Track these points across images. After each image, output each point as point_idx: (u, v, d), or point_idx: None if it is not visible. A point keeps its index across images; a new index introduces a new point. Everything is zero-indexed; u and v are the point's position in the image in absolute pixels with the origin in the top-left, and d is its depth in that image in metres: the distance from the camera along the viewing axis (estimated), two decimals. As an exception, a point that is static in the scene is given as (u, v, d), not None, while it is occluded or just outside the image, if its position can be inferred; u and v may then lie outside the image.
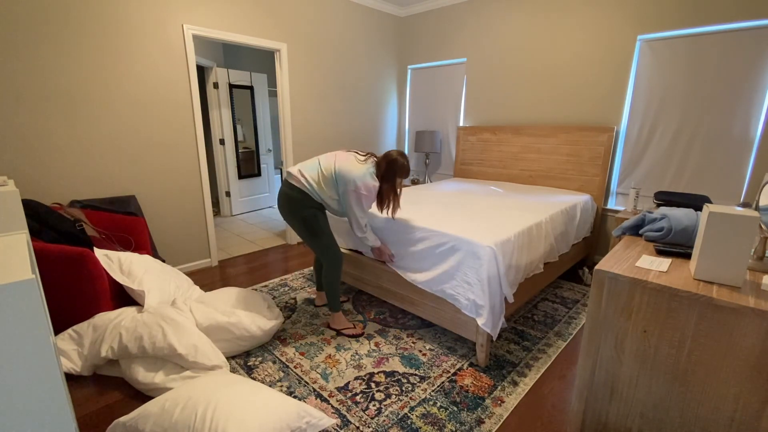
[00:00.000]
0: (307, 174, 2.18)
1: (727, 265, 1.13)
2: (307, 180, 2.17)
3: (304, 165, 2.23)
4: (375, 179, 2.15)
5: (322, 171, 2.17)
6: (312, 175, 2.18)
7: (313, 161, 2.23)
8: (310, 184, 2.17)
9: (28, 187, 2.47)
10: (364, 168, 2.15)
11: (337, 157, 2.20)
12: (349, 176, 2.11)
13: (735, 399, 1.10)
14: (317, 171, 2.18)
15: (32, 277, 0.79)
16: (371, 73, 4.60)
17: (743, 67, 2.68)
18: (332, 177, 2.16)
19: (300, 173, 2.18)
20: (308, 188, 2.17)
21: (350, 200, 2.14)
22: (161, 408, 1.43)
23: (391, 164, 2.17)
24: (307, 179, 2.17)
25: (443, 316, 2.18)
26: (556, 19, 3.51)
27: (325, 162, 2.20)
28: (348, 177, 2.11)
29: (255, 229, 4.73)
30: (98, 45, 2.61)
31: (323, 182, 2.17)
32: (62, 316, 2.07)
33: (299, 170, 2.19)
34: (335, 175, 2.15)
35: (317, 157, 2.26)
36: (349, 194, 2.12)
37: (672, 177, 3.09)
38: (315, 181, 2.17)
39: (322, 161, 2.21)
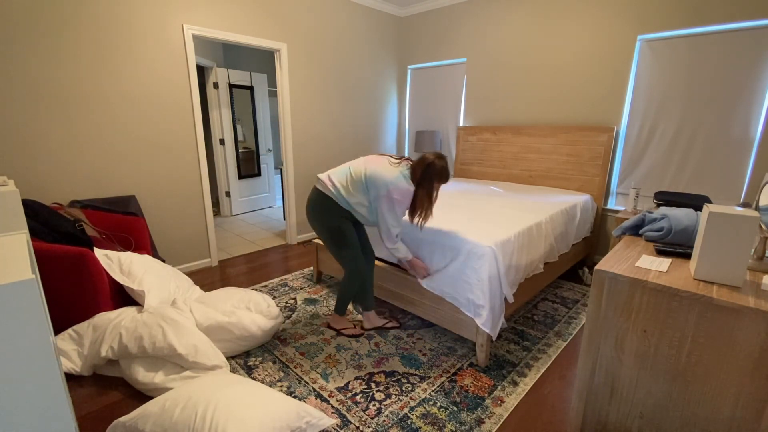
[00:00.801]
0: (336, 179, 2.06)
1: (727, 265, 1.13)
2: (335, 185, 2.04)
3: (334, 170, 2.13)
4: (410, 183, 1.98)
5: (351, 175, 2.05)
6: (340, 180, 2.05)
7: (344, 166, 2.12)
8: (337, 190, 2.04)
9: (28, 187, 2.47)
10: (398, 171, 2.00)
11: (367, 161, 2.07)
12: (380, 180, 1.96)
13: (735, 399, 1.10)
14: (346, 176, 2.06)
15: (32, 277, 0.79)
16: (371, 73, 4.60)
17: (743, 67, 2.68)
18: (362, 181, 2.02)
19: (329, 179, 2.07)
20: (335, 194, 2.05)
21: (382, 206, 1.99)
22: (161, 408, 1.43)
23: (429, 168, 1.97)
24: (334, 184, 2.04)
25: (443, 316, 2.18)
26: (556, 19, 3.51)
27: (354, 166, 2.08)
28: (380, 181, 1.96)
29: (255, 229, 4.74)
30: (98, 45, 2.61)
31: (352, 187, 2.03)
32: (62, 316, 2.07)
33: (328, 176, 2.10)
34: (365, 179, 2.01)
35: (348, 162, 2.16)
36: (381, 200, 1.97)
37: (672, 177, 3.09)
38: (343, 187, 2.04)
39: (352, 166, 2.09)
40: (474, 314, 1.98)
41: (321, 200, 2.08)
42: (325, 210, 2.08)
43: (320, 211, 2.10)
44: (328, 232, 2.13)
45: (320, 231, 2.16)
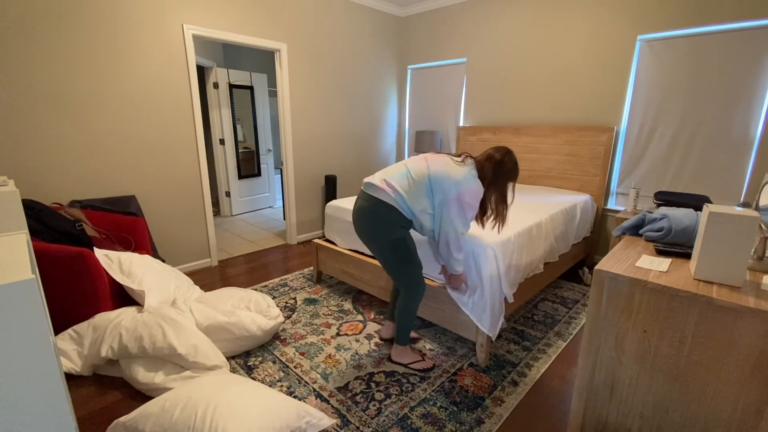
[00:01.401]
0: (396, 184, 1.77)
1: (727, 265, 1.13)
2: (396, 191, 1.76)
3: (388, 173, 1.83)
4: (480, 183, 1.77)
5: (412, 177, 1.78)
6: (401, 185, 1.77)
7: (399, 168, 1.84)
8: (399, 196, 1.76)
9: (28, 187, 2.47)
10: (465, 170, 1.76)
11: (428, 160, 1.82)
12: (448, 181, 1.73)
13: (735, 399, 1.10)
14: (407, 178, 1.78)
15: (32, 277, 0.79)
16: (371, 73, 4.60)
17: (743, 67, 2.68)
18: (426, 183, 1.76)
19: (386, 183, 1.78)
20: (398, 201, 1.76)
21: (451, 211, 1.75)
22: (161, 408, 1.43)
23: (499, 165, 1.77)
24: (395, 190, 1.76)
25: (443, 316, 2.18)
26: (556, 19, 3.50)
27: (414, 166, 1.81)
28: (448, 182, 1.73)
29: (255, 229, 4.73)
30: (98, 45, 2.61)
31: (416, 191, 1.77)
32: (62, 316, 2.07)
33: (384, 180, 1.79)
34: (430, 180, 1.76)
35: (401, 162, 1.88)
36: (450, 203, 1.73)
37: (672, 177, 3.09)
38: (405, 192, 1.76)
39: (410, 166, 1.82)
40: (473, 314, 1.98)
41: (379, 209, 1.77)
42: (384, 220, 1.78)
43: (379, 221, 1.79)
44: (390, 246, 1.82)
45: (379, 245, 1.83)
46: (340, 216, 2.83)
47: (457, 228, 1.77)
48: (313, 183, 4.25)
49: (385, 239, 1.81)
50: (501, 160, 1.77)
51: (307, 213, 4.28)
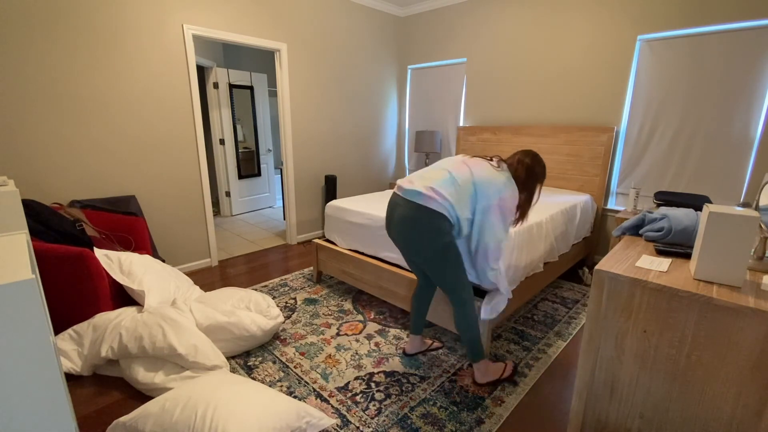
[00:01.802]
0: (444, 191, 1.69)
1: (727, 265, 1.13)
2: (446, 199, 1.68)
3: (432, 179, 1.73)
4: (516, 188, 1.76)
5: (458, 184, 1.71)
6: (450, 192, 1.69)
7: (441, 173, 1.75)
8: (450, 204, 1.68)
9: (28, 187, 2.47)
10: (505, 175, 1.75)
11: (469, 165, 1.76)
12: (492, 186, 1.70)
13: (735, 399, 1.10)
14: (453, 186, 1.71)
15: (32, 277, 0.79)
16: (371, 73, 4.60)
17: (743, 67, 2.68)
18: (471, 190, 1.71)
19: (434, 191, 1.68)
20: (449, 210, 1.68)
21: (494, 217, 1.71)
22: (161, 408, 1.43)
23: (532, 169, 1.78)
24: (445, 198, 1.67)
25: (443, 316, 2.18)
26: (556, 19, 3.50)
27: (457, 172, 1.74)
28: (492, 187, 1.70)
29: (255, 229, 4.74)
30: (98, 45, 2.61)
31: (462, 198, 1.70)
32: (62, 316, 2.07)
33: (430, 187, 1.69)
34: (475, 186, 1.71)
35: (440, 167, 1.79)
36: (493, 209, 1.70)
37: (672, 177, 3.09)
38: (454, 199, 1.69)
39: (453, 171, 1.74)
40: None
41: (431, 218, 1.67)
42: (436, 229, 1.68)
43: (431, 230, 1.68)
44: (442, 254, 1.71)
45: (430, 254, 1.72)
46: (340, 216, 2.83)
47: (498, 235, 1.75)
48: (313, 183, 4.25)
49: (438, 248, 1.70)
50: (532, 164, 1.79)
51: (307, 213, 4.28)
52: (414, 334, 2.14)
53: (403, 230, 1.74)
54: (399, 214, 1.75)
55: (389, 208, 1.84)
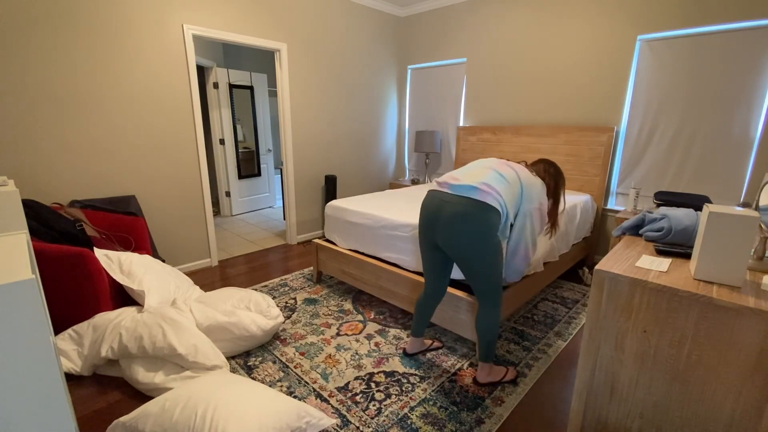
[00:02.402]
0: (498, 187, 1.66)
1: (727, 265, 1.13)
2: (501, 195, 1.65)
3: (481, 176, 1.69)
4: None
5: (507, 182, 1.69)
6: (502, 189, 1.67)
7: (486, 171, 1.71)
8: (504, 201, 1.66)
9: (28, 187, 2.47)
10: (540, 182, 1.80)
11: (511, 166, 1.77)
12: (535, 189, 1.74)
13: (735, 399, 1.10)
14: (504, 182, 1.68)
15: (32, 277, 0.79)
16: (371, 72, 4.60)
17: (743, 67, 2.68)
18: (519, 190, 1.72)
19: (489, 186, 1.64)
20: (503, 206, 1.66)
21: (534, 221, 1.77)
22: (161, 408, 1.43)
23: (558, 175, 1.86)
24: (500, 194, 1.65)
25: (443, 316, 2.18)
26: (556, 19, 3.51)
27: (504, 171, 1.72)
28: (534, 190, 1.74)
29: (255, 229, 4.74)
30: (98, 45, 2.61)
31: (511, 196, 1.69)
32: (62, 316, 2.07)
33: (484, 182, 1.66)
34: (522, 187, 1.72)
35: (483, 165, 1.76)
36: (534, 212, 1.75)
37: (672, 177, 3.09)
38: (507, 197, 1.67)
39: (500, 170, 1.72)
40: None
41: (489, 214, 1.62)
42: (493, 225, 1.63)
43: (488, 226, 1.63)
44: (493, 252, 1.68)
45: (479, 252, 1.66)
46: (340, 216, 2.83)
47: (535, 238, 1.81)
48: (313, 183, 4.25)
49: (489, 245, 1.66)
50: (557, 173, 1.88)
51: (307, 213, 4.28)
52: (416, 336, 2.12)
53: (454, 227, 1.66)
54: (449, 211, 1.66)
55: (431, 207, 1.74)
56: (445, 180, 1.75)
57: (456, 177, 1.73)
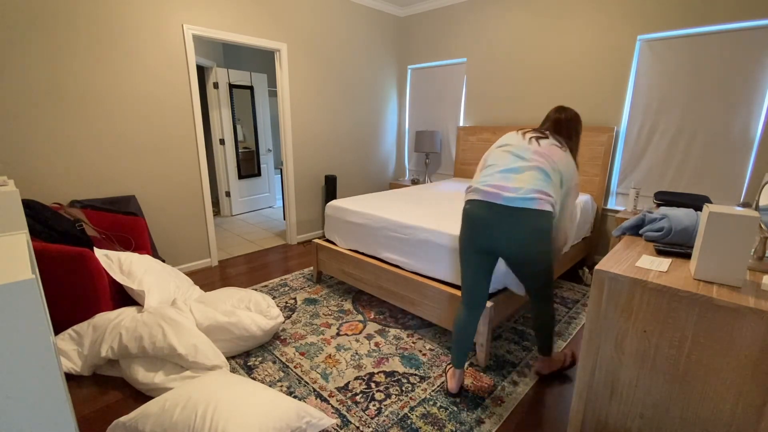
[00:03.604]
0: (548, 190, 1.63)
1: (727, 265, 1.13)
2: (551, 196, 1.64)
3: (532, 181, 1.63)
4: None
5: (551, 179, 1.66)
6: (552, 189, 1.65)
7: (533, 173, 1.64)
8: (555, 199, 1.66)
9: (28, 187, 2.47)
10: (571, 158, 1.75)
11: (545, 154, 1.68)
12: (571, 170, 1.71)
13: (735, 399, 1.10)
14: (549, 180, 1.65)
15: (32, 277, 0.79)
16: (371, 72, 4.60)
17: (743, 67, 2.68)
18: (559, 179, 1.69)
19: (542, 192, 1.61)
20: (554, 206, 1.65)
21: (573, 198, 1.77)
22: (161, 408, 1.43)
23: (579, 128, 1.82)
24: (551, 195, 1.64)
25: (443, 316, 2.18)
26: (556, 19, 3.50)
27: (547, 167, 1.66)
28: (571, 171, 1.71)
29: (255, 229, 4.74)
30: (98, 45, 2.61)
31: (556, 190, 1.68)
32: (62, 316, 2.07)
33: (537, 189, 1.61)
34: (561, 175, 1.69)
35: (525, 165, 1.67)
36: (573, 191, 1.75)
37: (672, 177, 3.09)
38: (555, 195, 1.66)
39: (544, 167, 1.66)
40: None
41: (545, 220, 1.62)
42: (548, 229, 1.65)
43: (545, 231, 1.64)
44: (550, 250, 1.71)
45: (542, 255, 1.68)
46: (340, 216, 2.83)
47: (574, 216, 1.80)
48: (313, 183, 4.25)
49: (548, 246, 1.68)
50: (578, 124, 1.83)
51: (307, 213, 4.28)
52: (458, 368, 1.85)
53: (518, 238, 1.62)
54: (510, 223, 1.61)
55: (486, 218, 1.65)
56: (494, 191, 1.64)
57: (504, 186, 1.64)
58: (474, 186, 1.73)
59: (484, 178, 1.71)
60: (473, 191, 1.72)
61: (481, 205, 1.66)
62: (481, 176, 1.75)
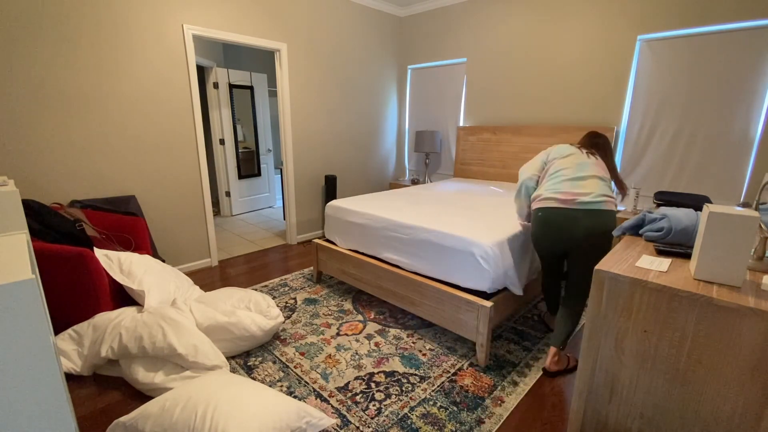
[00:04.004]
0: (611, 193, 1.94)
1: (727, 265, 1.13)
2: (614, 198, 1.94)
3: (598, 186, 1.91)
4: None
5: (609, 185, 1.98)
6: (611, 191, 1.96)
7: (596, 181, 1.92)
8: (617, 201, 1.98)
9: (28, 187, 2.47)
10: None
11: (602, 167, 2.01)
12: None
13: (735, 399, 1.10)
14: (608, 187, 1.95)
15: (32, 277, 0.79)
16: (371, 73, 4.60)
17: (743, 67, 2.68)
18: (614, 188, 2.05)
19: (608, 196, 1.90)
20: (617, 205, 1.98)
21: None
22: (161, 408, 1.43)
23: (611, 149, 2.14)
24: (614, 198, 1.94)
25: (443, 316, 2.18)
26: (556, 19, 3.50)
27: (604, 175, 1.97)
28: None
29: (255, 229, 4.74)
30: (98, 45, 2.61)
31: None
32: (62, 316, 2.07)
33: (604, 194, 1.89)
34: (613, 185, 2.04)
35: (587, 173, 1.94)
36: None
37: (672, 177, 3.09)
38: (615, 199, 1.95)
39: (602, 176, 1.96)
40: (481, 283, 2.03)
41: (612, 220, 1.89)
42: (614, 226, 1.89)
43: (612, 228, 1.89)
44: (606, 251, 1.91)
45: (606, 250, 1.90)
46: (340, 216, 2.83)
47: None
48: (313, 183, 4.25)
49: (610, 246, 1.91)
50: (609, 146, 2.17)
51: (307, 213, 4.28)
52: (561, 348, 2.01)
53: (593, 236, 1.88)
54: (587, 224, 1.87)
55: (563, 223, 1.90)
56: (567, 197, 1.90)
57: (577, 193, 1.90)
58: (545, 195, 1.97)
59: (554, 186, 1.97)
60: (545, 199, 1.96)
61: (558, 212, 1.92)
62: (548, 185, 2.00)
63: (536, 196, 2.03)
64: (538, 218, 1.99)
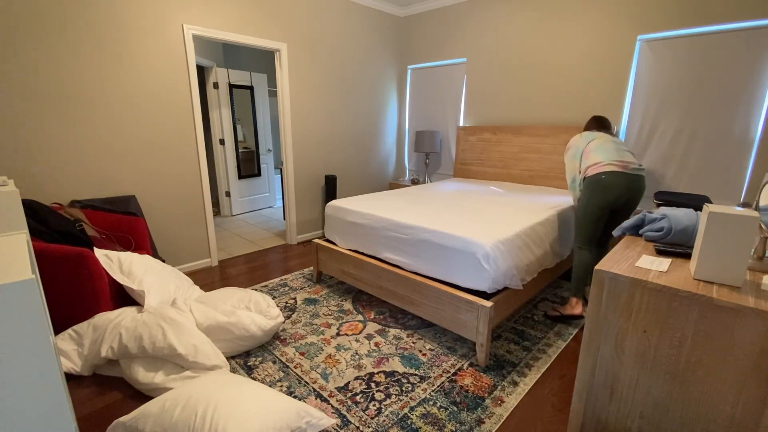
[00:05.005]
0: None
1: (727, 265, 1.13)
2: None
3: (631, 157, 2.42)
4: None
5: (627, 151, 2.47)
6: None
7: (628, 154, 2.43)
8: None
9: (28, 187, 2.47)
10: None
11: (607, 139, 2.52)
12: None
13: (735, 399, 1.10)
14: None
15: (32, 277, 0.79)
16: (371, 73, 4.60)
17: (743, 67, 2.68)
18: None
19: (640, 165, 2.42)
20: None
21: None
22: (161, 408, 1.43)
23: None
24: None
25: (443, 316, 2.18)
26: (556, 18, 3.50)
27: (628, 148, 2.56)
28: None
29: (255, 229, 4.74)
30: (98, 45, 2.61)
31: None
32: (62, 316, 2.07)
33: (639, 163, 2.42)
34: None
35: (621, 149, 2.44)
36: None
37: (672, 177, 3.09)
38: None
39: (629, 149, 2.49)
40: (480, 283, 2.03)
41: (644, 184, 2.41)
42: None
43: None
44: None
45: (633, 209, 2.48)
46: (340, 216, 2.83)
47: None
48: (313, 183, 4.25)
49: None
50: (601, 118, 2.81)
51: (307, 213, 4.28)
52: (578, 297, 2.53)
53: (640, 192, 2.41)
54: (638, 184, 2.37)
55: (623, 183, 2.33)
56: (622, 164, 2.36)
57: (625, 160, 2.38)
58: (605, 161, 2.38)
59: (608, 156, 2.40)
60: (607, 165, 2.37)
61: (619, 175, 2.34)
62: (604, 155, 2.41)
63: (594, 163, 2.42)
64: (601, 180, 2.36)
